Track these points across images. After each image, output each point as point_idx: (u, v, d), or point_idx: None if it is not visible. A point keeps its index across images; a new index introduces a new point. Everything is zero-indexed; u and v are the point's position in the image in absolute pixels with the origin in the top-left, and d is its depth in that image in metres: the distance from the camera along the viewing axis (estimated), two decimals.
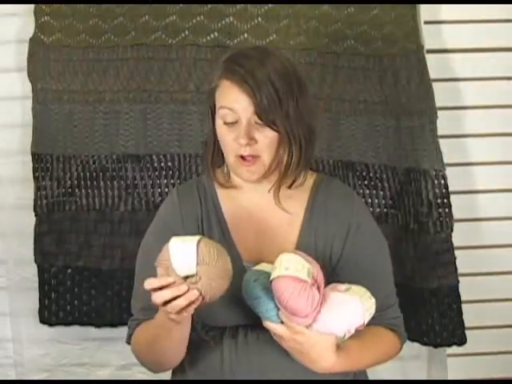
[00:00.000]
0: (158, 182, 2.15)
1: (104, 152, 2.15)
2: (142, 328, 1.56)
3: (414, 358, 2.23)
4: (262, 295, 1.42)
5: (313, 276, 1.40)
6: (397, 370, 2.20)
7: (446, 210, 2.08)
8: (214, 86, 1.51)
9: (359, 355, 1.50)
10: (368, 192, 2.13)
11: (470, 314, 2.14)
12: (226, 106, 1.48)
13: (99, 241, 2.16)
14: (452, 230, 2.09)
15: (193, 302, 1.33)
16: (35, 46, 2.12)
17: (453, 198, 2.09)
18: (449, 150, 2.10)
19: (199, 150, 2.11)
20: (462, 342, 2.13)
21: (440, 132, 2.07)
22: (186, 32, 2.11)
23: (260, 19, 2.10)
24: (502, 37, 2.16)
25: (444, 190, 2.08)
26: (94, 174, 2.16)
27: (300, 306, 1.37)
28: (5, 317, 2.26)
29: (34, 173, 2.16)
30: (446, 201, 2.08)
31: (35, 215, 2.17)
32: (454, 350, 2.16)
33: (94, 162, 2.15)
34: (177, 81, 2.12)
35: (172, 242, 1.36)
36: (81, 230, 2.16)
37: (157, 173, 2.15)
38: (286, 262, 1.39)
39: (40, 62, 2.12)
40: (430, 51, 2.10)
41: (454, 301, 2.11)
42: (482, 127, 2.19)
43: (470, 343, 2.14)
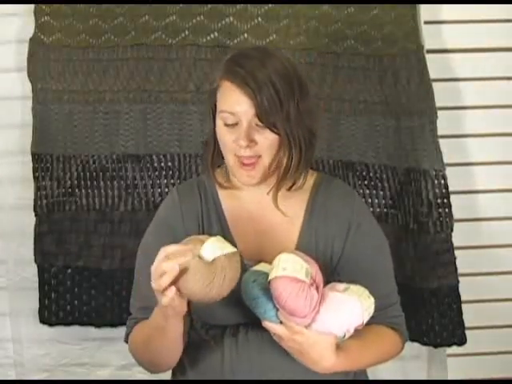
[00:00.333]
0: (158, 181, 2.15)
1: (104, 152, 2.15)
2: (138, 327, 1.56)
3: (414, 357, 2.23)
4: (260, 295, 1.41)
5: (311, 276, 1.40)
6: (397, 370, 2.20)
7: (446, 210, 2.08)
8: (216, 87, 1.51)
9: (360, 355, 1.50)
10: (368, 192, 2.13)
11: (470, 314, 2.14)
12: (226, 110, 1.48)
13: (99, 241, 2.16)
14: (452, 230, 2.09)
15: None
16: (35, 46, 2.12)
17: (453, 198, 2.08)
18: (449, 150, 2.10)
19: (199, 150, 2.11)
20: (462, 342, 2.13)
21: (440, 132, 2.07)
22: (186, 32, 2.11)
23: (260, 19, 2.10)
24: (502, 37, 2.16)
25: (444, 190, 2.08)
26: (94, 173, 2.16)
27: (298, 306, 1.37)
28: (5, 317, 2.26)
29: (34, 173, 2.16)
30: (445, 201, 2.08)
31: (35, 215, 2.17)
32: (454, 350, 2.16)
33: (94, 162, 2.15)
34: (177, 81, 2.12)
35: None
36: (81, 230, 2.17)
37: (157, 173, 2.15)
38: (284, 262, 1.39)
39: (40, 61, 2.12)
40: (430, 51, 2.10)
41: (453, 301, 2.11)
42: (482, 127, 2.19)
43: (470, 343, 2.14)
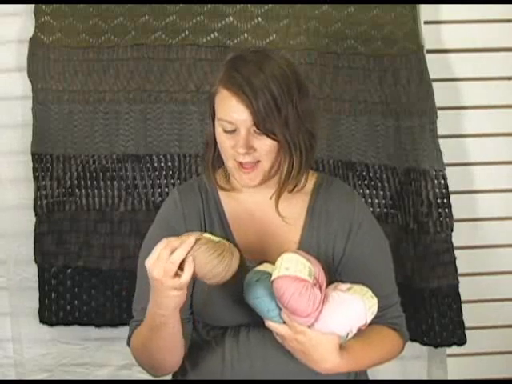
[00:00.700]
0: (158, 181, 2.15)
1: (104, 152, 2.15)
2: (138, 330, 1.55)
3: (414, 357, 2.24)
4: (263, 295, 1.41)
5: (314, 276, 1.40)
6: (397, 370, 2.21)
7: (446, 210, 2.08)
8: (214, 91, 1.50)
9: (362, 355, 1.50)
10: (368, 192, 2.13)
11: (470, 314, 2.15)
12: (224, 119, 1.47)
13: (99, 241, 2.16)
14: (452, 230, 2.09)
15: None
16: (35, 46, 2.12)
17: (453, 198, 2.09)
18: (449, 150, 2.10)
19: (199, 150, 2.11)
20: (462, 342, 2.14)
21: (440, 132, 2.07)
22: (186, 32, 2.11)
23: (260, 19, 2.10)
24: (501, 37, 2.16)
25: (444, 190, 2.08)
26: (94, 174, 2.16)
27: (301, 306, 1.37)
28: (5, 317, 2.26)
29: (34, 173, 2.16)
30: (445, 201, 2.09)
31: (35, 215, 2.17)
32: (454, 349, 2.17)
33: (93, 162, 2.15)
34: (177, 81, 2.12)
35: None
36: (81, 230, 2.16)
37: (157, 173, 2.15)
38: (287, 261, 1.39)
39: (40, 61, 2.12)
40: (430, 51, 2.10)
41: (453, 301, 2.12)
42: (482, 127, 2.19)
43: (470, 343, 2.15)
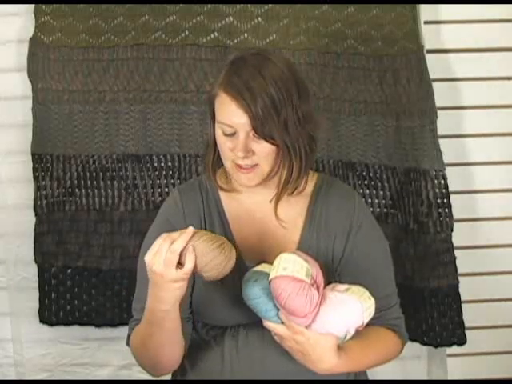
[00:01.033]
0: (158, 181, 2.15)
1: (104, 152, 2.15)
2: (137, 328, 1.55)
3: (414, 358, 2.24)
4: (261, 295, 1.41)
5: (312, 276, 1.40)
6: (397, 370, 2.20)
7: (446, 210, 2.08)
8: (214, 94, 1.49)
9: (361, 356, 1.50)
10: (368, 192, 2.13)
11: (470, 314, 2.15)
12: (223, 122, 1.47)
13: (99, 241, 2.17)
14: (452, 230, 2.09)
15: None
16: (35, 46, 2.12)
17: (453, 198, 2.09)
18: (449, 150, 2.10)
19: (199, 150, 2.11)
20: (462, 342, 2.14)
21: (440, 132, 2.07)
22: (186, 32, 2.11)
23: (260, 19, 2.10)
24: (501, 37, 2.16)
25: (444, 190, 2.08)
26: (94, 174, 2.16)
27: (298, 306, 1.37)
28: (5, 317, 2.26)
29: (34, 173, 2.16)
30: (445, 201, 2.09)
31: (35, 215, 2.17)
32: (454, 349, 2.17)
33: (93, 162, 2.15)
34: (177, 81, 2.12)
35: None
36: (81, 230, 2.16)
37: (157, 173, 2.15)
38: (285, 262, 1.39)
39: (40, 61, 2.12)
40: (430, 51, 2.10)
41: (453, 301, 2.12)
42: (482, 127, 2.19)
43: (470, 343, 2.15)
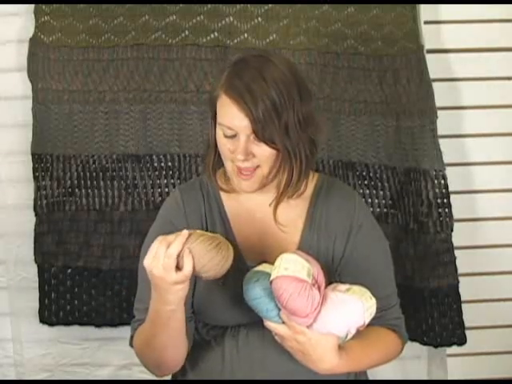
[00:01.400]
0: (158, 181, 2.15)
1: (104, 152, 2.15)
2: (140, 329, 1.55)
3: (414, 358, 2.24)
4: (262, 295, 1.41)
5: (313, 276, 1.40)
6: (397, 370, 2.21)
7: (446, 210, 2.09)
8: (216, 95, 1.49)
9: (361, 356, 1.50)
10: (368, 192, 2.13)
11: (470, 314, 2.15)
12: (224, 124, 1.47)
13: (99, 241, 2.16)
14: (452, 230, 2.09)
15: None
16: (35, 46, 2.12)
17: (453, 198, 2.09)
18: (449, 150, 2.10)
19: (199, 150, 2.11)
20: (462, 342, 2.14)
21: (440, 132, 2.07)
22: (186, 32, 2.11)
23: (260, 19, 2.10)
24: (501, 37, 2.16)
25: (444, 190, 2.08)
26: (94, 174, 2.16)
27: (300, 306, 1.37)
28: (5, 317, 2.26)
29: (34, 173, 2.16)
30: (445, 201, 2.09)
31: (35, 215, 2.17)
32: (454, 349, 2.17)
33: (93, 162, 2.15)
34: (177, 81, 2.12)
35: None
36: (81, 230, 2.16)
37: (157, 173, 2.15)
38: (286, 262, 1.39)
39: (40, 61, 2.12)
40: (430, 51, 2.10)
41: (453, 301, 2.12)
42: (482, 127, 2.19)
43: (470, 343, 2.15)
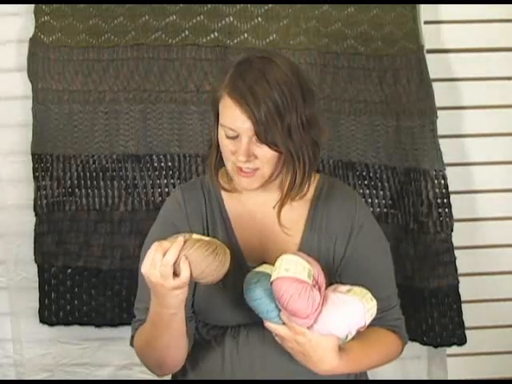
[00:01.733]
0: (158, 181, 2.15)
1: (104, 152, 2.15)
2: (141, 329, 1.54)
3: (414, 358, 2.24)
4: (262, 296, 1.41)
5: (314, 277, 1.40)
6: (397, 370, 2.21)
7: (446, 210, 2.09)
8: (218, 96, 1.48)
9: (361, 357, 1.50)
10: (368, 192, 2.13)
11: (470, 314, 2.15)
12: (227, 126, 1.46)
13: (99, 241, 2.16)
14: (452, 230, 2.09)
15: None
16: (35, 46, 2.12)
17: (453, 198, 2.09)
18: (449, 150, 2.10)
19: (199, 150, 2.11)
20: (462, 342, 2.14)
21: (440, 132, 2.07)
22: (186, 32, 2.11)
23: (260, 19, 2.10)
24: (501, 37, 2.16)
25: (444, 190, 2.08)
26: (94, 174, 2.16)
27: (300, 307, 1.37)
28: (5, 317, 2.26)
29: (34, 173, 2.16)
30: (445, 201, 2.09)
31: (35, 215, 2.17)
32: (454, 349, 2.17)
33: (93, 162, 2.15)
34: (177, 81, 2.12)
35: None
36: (81, 230, 2.16)
37: (157, 173, 2.15)
38: (287, 263, 1.39)
39: (40, 61, 2.12)
40: (430, 51, 2.10)
41: (453, 301, 2.12)
42: (482, 127, 2.19)
43: (470, 343, 2.15)
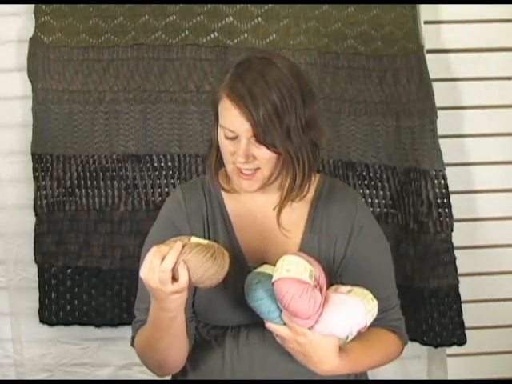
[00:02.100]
0: (158, 181, 2.15)
1: (104, 152, 2.15)
2: (142, 330, 1.54)
3: (414, 358, 2.24)
4: (264, 297, 1.41)
5: (315, 278, 1.40)
6: (397, 370, 2.21)
7: (446, 210, 2.09)
8: (218, 97, 1.48)
9: (361, 357, 1.50)
10: (368, 192, 2.13)
11: (470, 314, 2.15)
12: (226, 127, 1.46)
13: (99, 241, 2.16)
14: (452, 230, 2.09)
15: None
16: (35, 46, 2.12)
17: (453, 198, 2.09)
18: (449, 150, 2.11)
19: (199, 150, 2.11)
20: (462, 342, 2.14)
21: (440, 132, 2.08)
22: (186, 32, 2.11)
23: (260, 19, 2.10)
24: (501, 37, 2.16)
25: (444, 190, 2.08)
26: (94, 174, 2.16)
27: (302, 308, 1.37)
28: (5, 317, 2.26)
29: (34, 173, 2.16)
30: (445, 201, 2.09)
31: (35, 215, 2.17)
32: (454, 349, 2.17)
33: (94, 162, 2.15)
34: (177, 81, 2.12)
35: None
36: (81, 230, 2.16)
37: (157, 173, 2.15)
38: (288, 263, 1.39)
39: (40, 61, 2.12)
40: (430, 51, 2.10)
41: (453, 301, 2.12)
42: (482, 127, 2.19)
43: (470, 343, 2.15)
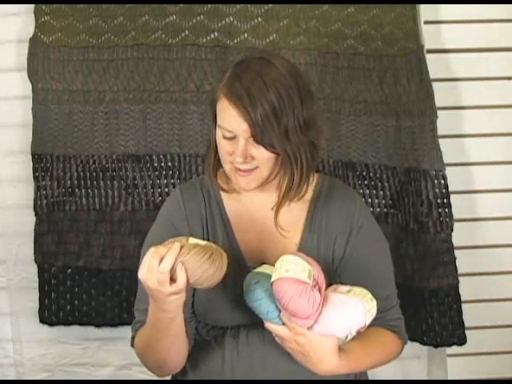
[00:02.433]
0: (158, 181, 2.15)
1: (104, 152, 2.15)
2: (141, 330, 1.55)
3: (414, 358, 2.24)
4: (263, 297, 1.42)
5: (314, 278, 1.40)
6: (397, 370, 2.21)
7: (446, 210, 2.09)
8: (216, 97, 1.48)
9: (361, 357, 1.50)
10: (368, 192, 2.13)
11: (470, 314, 2.15)
12: (224, 127, 1.46)
13: (99, 241, 2.16)
14: (452, 230, 2.09)
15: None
16: (35, 46, 2.12)
17: (453, 198, 2.09)
18: (449, 150, 2.10)
19: (199, 149, 2.11)
20: (462, 342, 2.14)
21: (440, 132, 2.07)
22: (186, 32, 2.11)
23: (260, 19, 2.10)
24: (501, 37, 2.16)
25: (444, 190, 2.08)
26: (94, 174, 2.16)
27: (301, 308, 1.37)
28: (5, 317, 2.26)
29: (34, 173, 2.16)
30: (445, 201, 2.09)
31: (35, 215, 2.17)
32: (454, 349, 2.17)
33: (94, 162, 2.15)
34: (177, 81, 2.12)
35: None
36: (81, 230, 2.16)
37: (157, 173, 2.15)
38: (287, 263, 1.39)
39: (40, 61, 2.12)
40: (430, 51, 2.10)
41: (453, 301, 2.12)
42: (482, 127, 2.19)
43: (470, 343, 2.15)
